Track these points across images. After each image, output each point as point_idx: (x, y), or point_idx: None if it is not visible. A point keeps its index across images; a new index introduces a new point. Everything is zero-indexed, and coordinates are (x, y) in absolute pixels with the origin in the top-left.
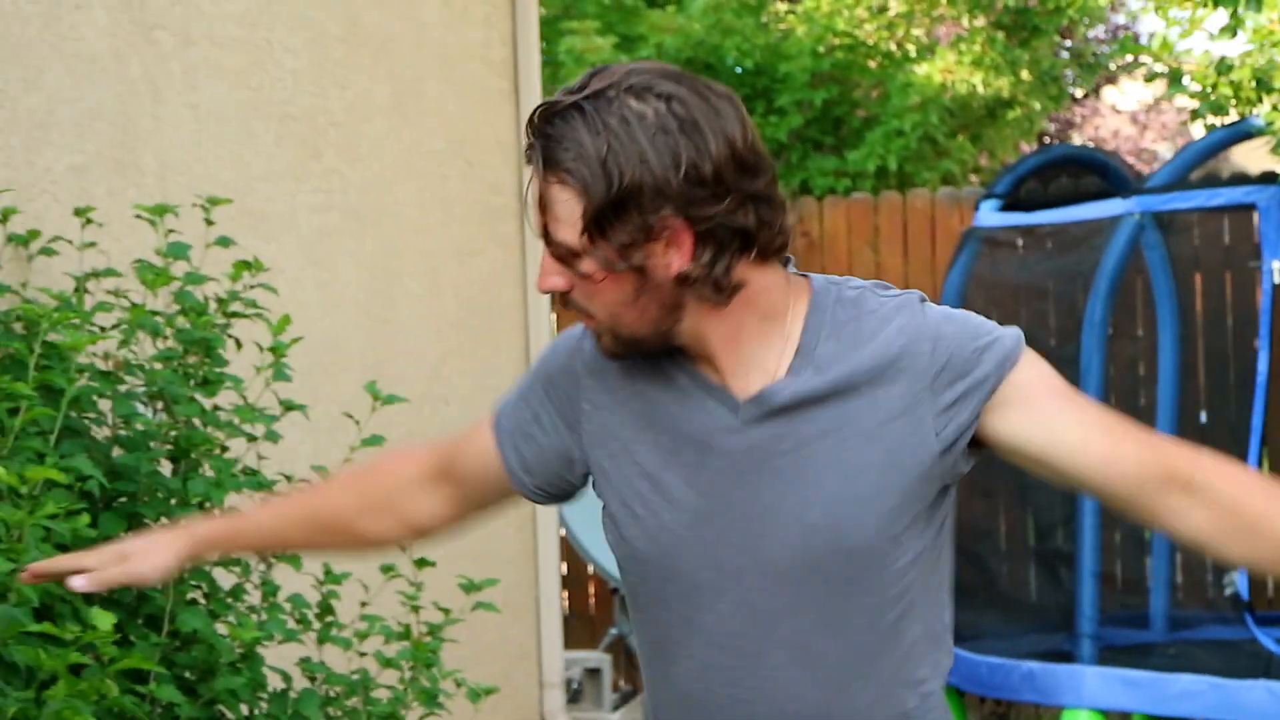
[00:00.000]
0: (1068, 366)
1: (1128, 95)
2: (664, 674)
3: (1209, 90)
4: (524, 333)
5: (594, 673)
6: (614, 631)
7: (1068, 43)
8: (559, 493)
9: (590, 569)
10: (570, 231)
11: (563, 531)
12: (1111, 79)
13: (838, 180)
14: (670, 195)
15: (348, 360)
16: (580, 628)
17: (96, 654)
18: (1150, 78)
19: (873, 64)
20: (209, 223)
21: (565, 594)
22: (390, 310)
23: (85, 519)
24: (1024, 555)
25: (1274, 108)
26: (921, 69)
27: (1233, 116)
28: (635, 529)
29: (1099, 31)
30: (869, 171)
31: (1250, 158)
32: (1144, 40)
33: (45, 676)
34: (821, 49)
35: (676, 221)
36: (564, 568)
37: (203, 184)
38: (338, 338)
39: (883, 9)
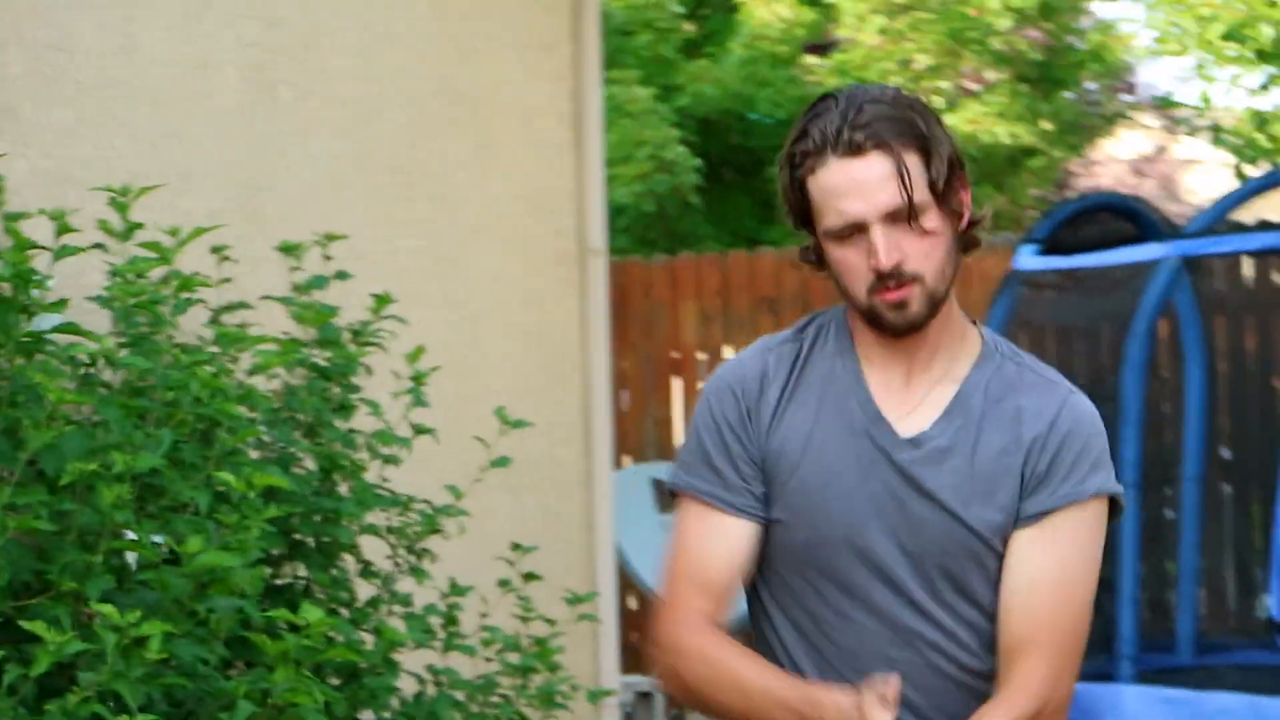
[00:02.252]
0: (1104, 404)
1: (1126, 145)
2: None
3: (1248, 143)
4: (583, 371)
5: (645, 696)
6: None
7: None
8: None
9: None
10: (921, 189)
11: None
12: (1107, 130)
13: None
14: (958, 155)
15: (438, 396)
16: (635, 654)
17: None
18: (1192, 132)
19: None
20: (327, 258)
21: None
22: (472, 350)
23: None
24: None
25: None
26: (949, 119)
27: (1257, 168)
28: (803, 523)
29: (1096, 85)
30: None
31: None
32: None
33: (271, 661)
34: None
35: (963, 174)
36: (632, 600)
37: (315, 230)
38: (431, 375)
39: (909, 63)
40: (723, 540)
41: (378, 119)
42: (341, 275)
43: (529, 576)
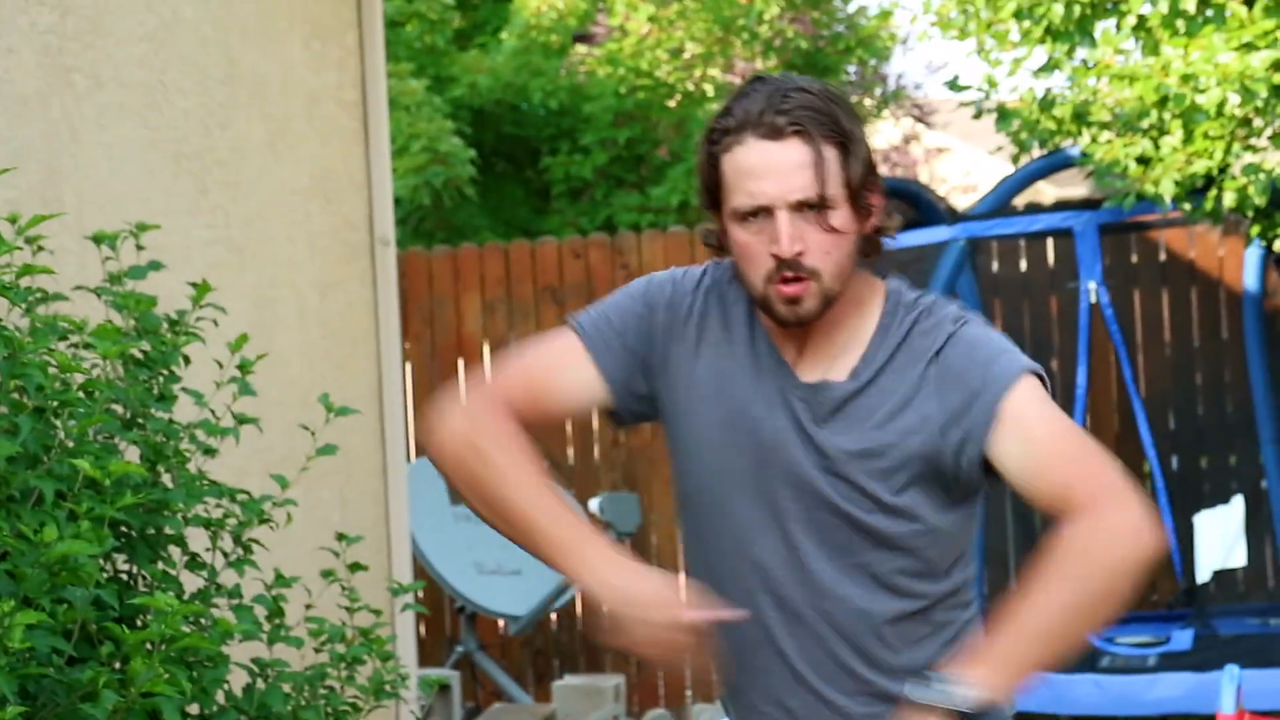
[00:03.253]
0: None
1: (880, 134)
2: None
3: (1033, 124)
4: (376, 363)
5: (444, 689)
6: (460, 649)
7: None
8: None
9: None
10: (835, 184)
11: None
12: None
13: (641, 215)
14: (873, 160)
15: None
16: (435, 648)
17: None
18: (978, 114)
19: (672, 103)
20: (140, 247)
21: (421, 621)
22: (268, 340)
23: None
24: None
25: (1093, 140)
26: (714, 109)
27: (1039, 149)
28: (698, 466)
29: (858, 71)
30: (672, 206)
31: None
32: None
33: (129, 651)
34: (623, 90)
35: (877, 179)
36: (419, 593)
37: (113, 218)
38: (226, 363)
39: (679, 51)
40: (573, 372)
41: (169, 105)
42: (155, 265)
43: (354, 567)
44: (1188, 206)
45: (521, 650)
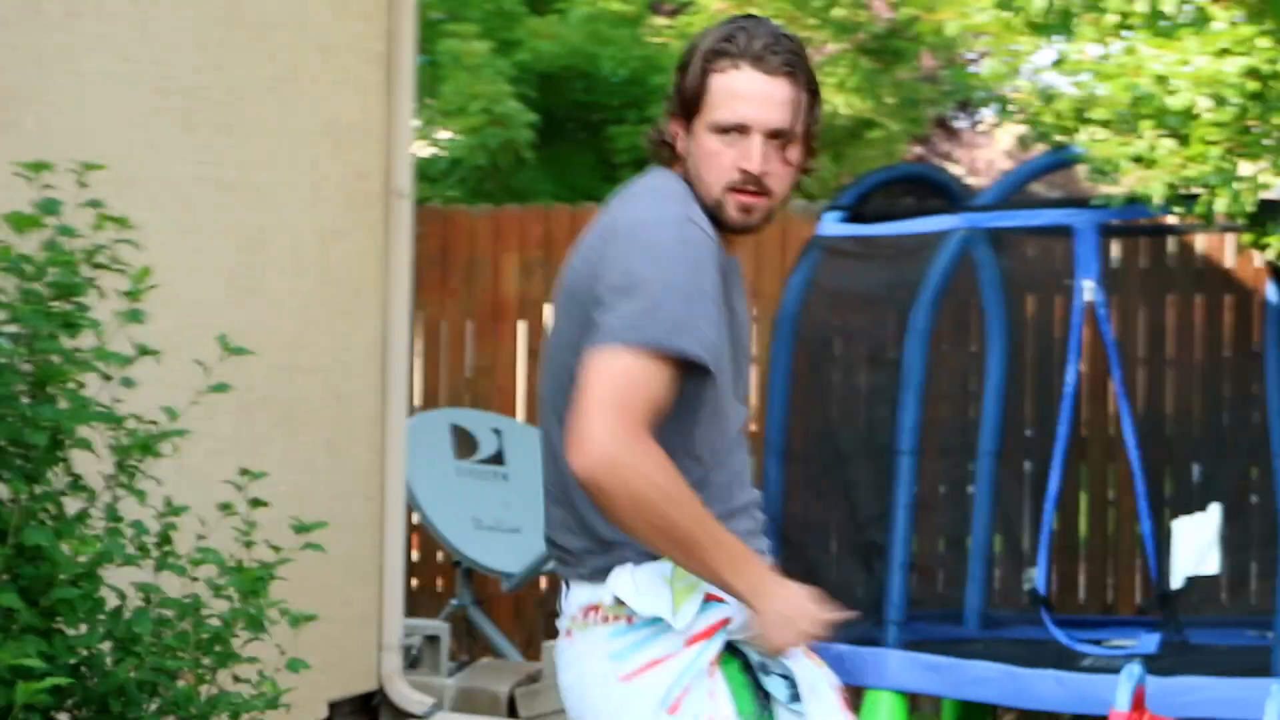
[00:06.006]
0: (888, 371)
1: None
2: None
3: (1033, 118)
4: (382, 312)
5: (433, 640)
6: (454, 603)
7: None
8: None
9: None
10: (800, 124)
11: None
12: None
13: None
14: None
15: (212, 324)
16: (428, 601)
17: None
18: (979, 104)
19: None
20: (82, 184)
21: (413, 573)
22: (255, 281)
23: None
24: (843, 548)
25: (1092, 138)
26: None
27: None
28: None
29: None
30: None
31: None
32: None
33: None
34: None
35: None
36: (414, 552)
37: (80, 148)
38: (203, 303)
39: None
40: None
41: (159, 41)
42: (95, 204)
43: (255, 503)
44: (1180, 210)
45: (532, 608)
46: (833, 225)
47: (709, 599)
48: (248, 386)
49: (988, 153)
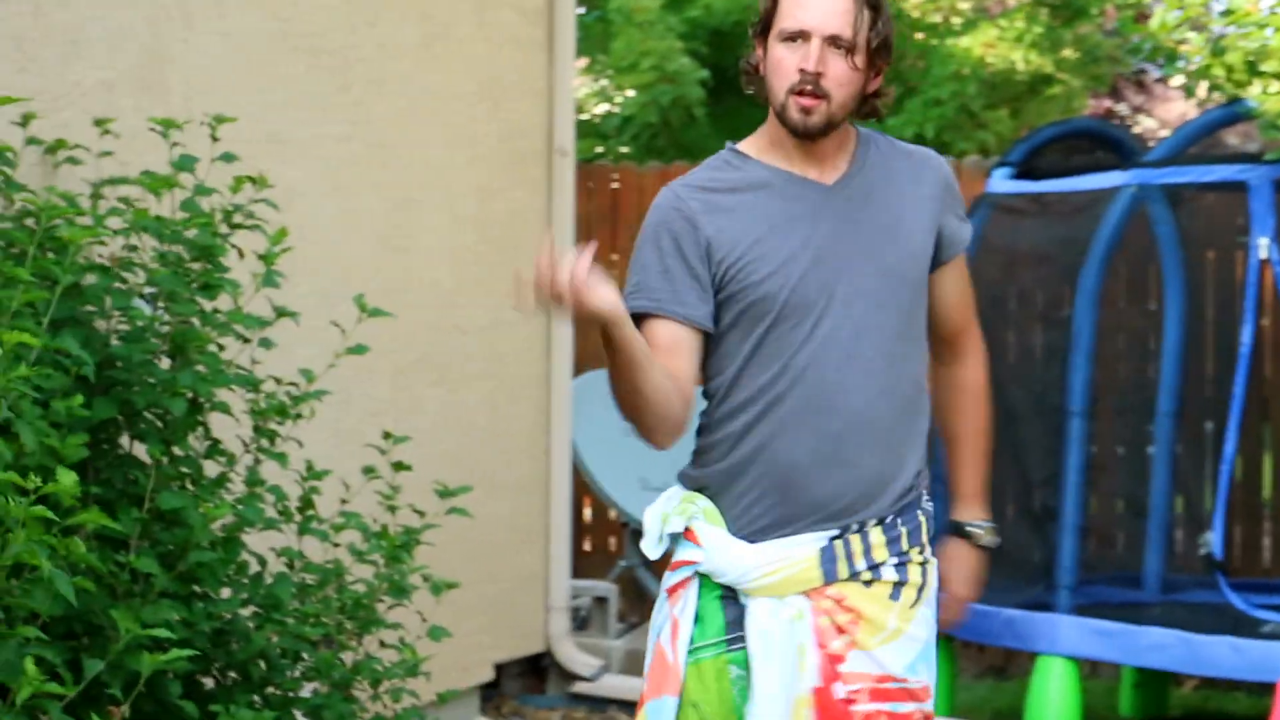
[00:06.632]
0: (1059, 330)
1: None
2: (786, 371)
3: (1203, 70)
4: None
5: (602, 601)
6: (623, 564)
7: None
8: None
9: (611, 511)
10: (861, 34)
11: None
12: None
13: None
14: (891, 42)
15: (363, 284)
16: (599, 562)
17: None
18: (1148, 57)
19: (919, 36)
20: (214, 139)
21: (586, 534)
22: (408, 240)
23: (79, 399)
24: (1015, 511)
25: (1265, 90)
26: (963, 42)
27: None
28: (770, 281)
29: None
30: (907, 139)
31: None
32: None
33: (11, 523)
34: None
35: (889, 56)
36: (587, 512)
37: (225, 106)
38: (354, 262)
39: None
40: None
41: (309, 1)
42: (228, 157)
43: (398, 466)
44: None
45: None
46: (1002, 182)
47: (688, 537)
48: (404, 347)
49: (1180, 106)
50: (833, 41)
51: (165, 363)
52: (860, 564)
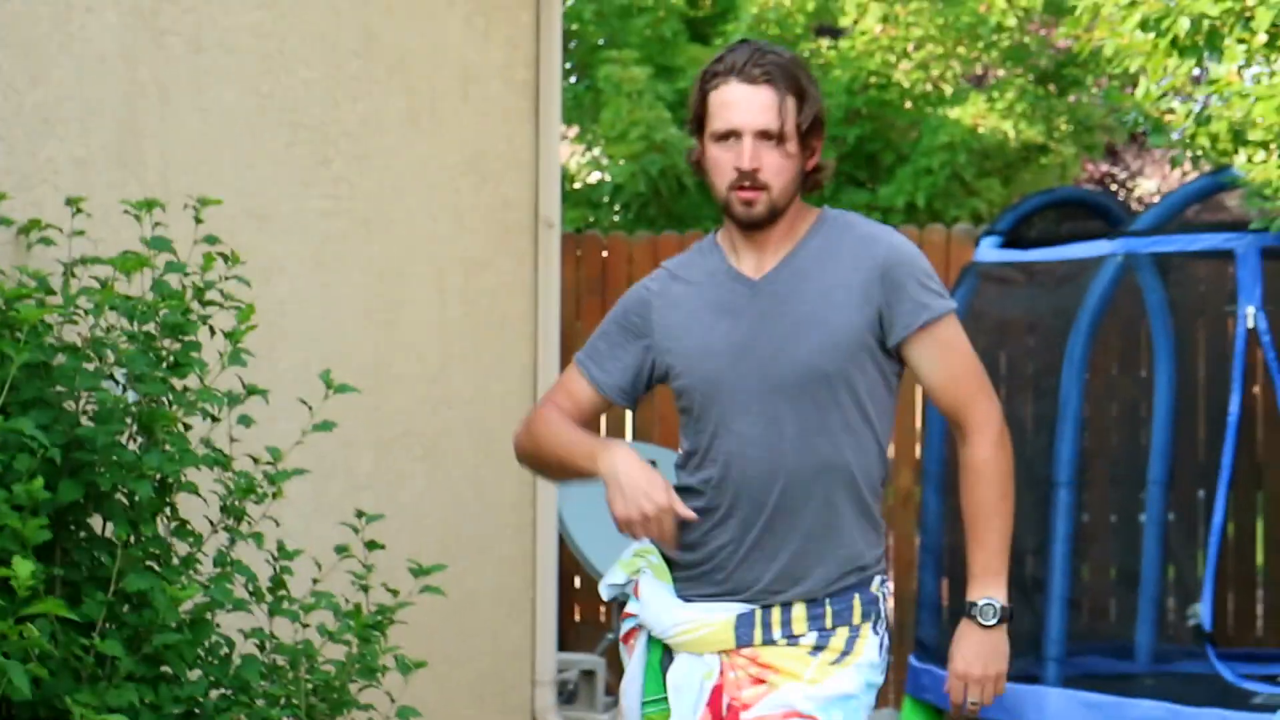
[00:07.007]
0: (1048, 400)
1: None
2: (716, 462)
3: (1188, 141)
4: (533, 343)
5: (589, 675)
6: (610, 636)
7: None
8: (636, 390)
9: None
10: (789, 122)
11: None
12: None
13: (869, 214)
14: (822, 116)
15: (347, 358)
16: (589, 633)
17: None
18: (1133, 127)
19: (909, 105)
20: (199, 220)
21: (576, 603)
22: (393, 313)
23: (39, 482)
24: None
25: (1249, 159)
26: (954, 112)
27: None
28: (691, 375)
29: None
30: (899, 207)
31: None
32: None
33: None
34: (855, 88)
35: (822, 130)
36: (578, 580)
37: (205, 183)
38: (339, 336)
39: (920, 46)
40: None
41: (287, 74)
42: (210, 239)
43: (371, 545)
44: None
45: None
46: (989, 251)
47: (634, 591)
48: (389, 420)
49: (1178, 169)
50: (763, 135)
51: (135, 443)
52: (777, 633)
